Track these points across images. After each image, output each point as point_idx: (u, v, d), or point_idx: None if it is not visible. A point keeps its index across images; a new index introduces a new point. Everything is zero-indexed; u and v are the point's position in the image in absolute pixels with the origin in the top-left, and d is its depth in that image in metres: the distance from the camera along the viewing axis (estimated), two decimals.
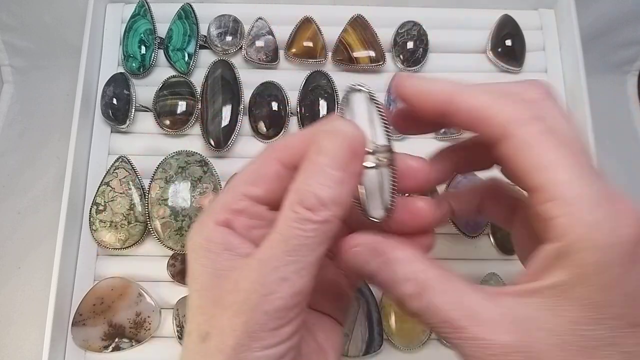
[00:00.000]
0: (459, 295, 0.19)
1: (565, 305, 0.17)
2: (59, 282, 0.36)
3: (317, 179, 0.18)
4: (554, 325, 0.17)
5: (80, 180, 0.40)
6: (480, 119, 0.19)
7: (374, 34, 0.43)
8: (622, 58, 0.54)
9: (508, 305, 0.18)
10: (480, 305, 0.18)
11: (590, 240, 0.17)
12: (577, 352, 0.17)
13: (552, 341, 0.17)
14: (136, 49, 0.43)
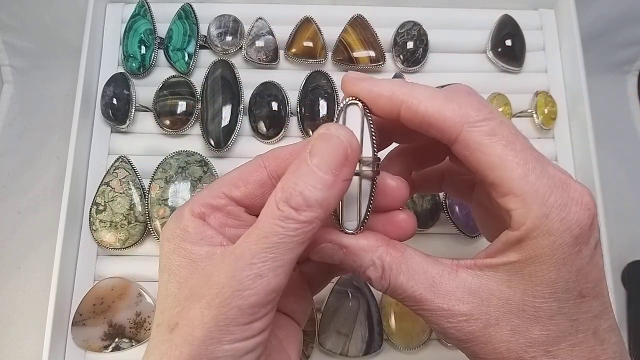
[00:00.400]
0: (420, 271, 0.21)
1: (520, 280, 0.19)
2: (59, 282, 0.36)
3: (306, 179, 0.19)
4: (509, 295, 0.20)
5: (80, 180, 0.40)
6: (430, 124, 0.20)
7: (374, 34, 0.43)
8: (622, 58, 0.54)
9: (465, 277, 0.20)
10: (439, 278, 0.21)
11: (544, 229, 0.19)
12: (531, 320, 0.19)
13: (508, 309, 0.20)
14: (136, 49, 0.43)
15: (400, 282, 0.21)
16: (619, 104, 0.53)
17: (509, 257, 0.20)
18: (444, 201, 0.39)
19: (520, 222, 0.19)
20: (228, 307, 0.18)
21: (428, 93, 0.21)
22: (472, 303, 0.20)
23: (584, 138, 0.40)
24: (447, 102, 0.20)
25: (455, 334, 0.20)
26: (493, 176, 0.19)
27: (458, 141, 0.20)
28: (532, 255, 0.19)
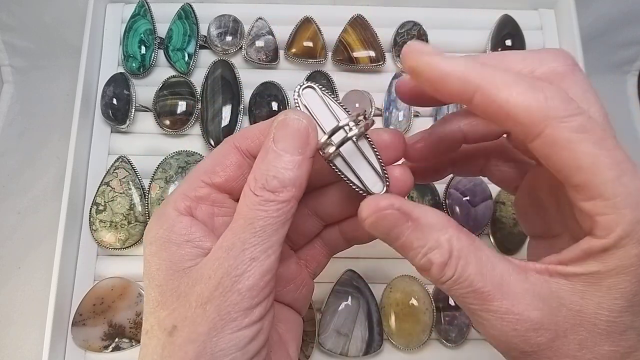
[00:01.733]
0: (489, 266, 0.18)
1: (595, 291, 0.18)
2: (59, 282, 0.36)
3: (276, 163, 0.20)
4: (581, 307, 0.18)
5: (80, 180, 0.40)
6: (513, 114, 0.18)
7: (374, 34, 0.43)
8: (622, 58, 0.54)
9: (534, 281, 0.18)
10: (509, 277, 0.18)
11: (635, 236, 0.17)
12: (602, 335, 0.18)
13: (577, 321, 0.18)
14: (136, 49, 0.43)
15: (468, 274, 0.18)
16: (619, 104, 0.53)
17: (589, 267, 0.18)
18: (444, 201, 0.39)
19: (609, 229, 0.17)
20: (230, 294, 0.19)
21: (510, 78, 0.18)
22: (542, 310, 0.18)
23: None
24: (533, 92, 0.18)
25: (519, 345, 0.18)
26: (581, 178, 0.17)
27: (542, 137, 0.17)
28: (617, 266, 0.17)
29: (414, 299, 0.37)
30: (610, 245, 0.17)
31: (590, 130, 0.17)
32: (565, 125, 0.17)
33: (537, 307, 0.18)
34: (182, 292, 0.20)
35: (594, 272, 0.18)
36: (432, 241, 0.19)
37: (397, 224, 0.19)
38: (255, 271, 0.19)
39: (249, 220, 0.19)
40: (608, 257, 0.17)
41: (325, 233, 0.26)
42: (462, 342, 0.37)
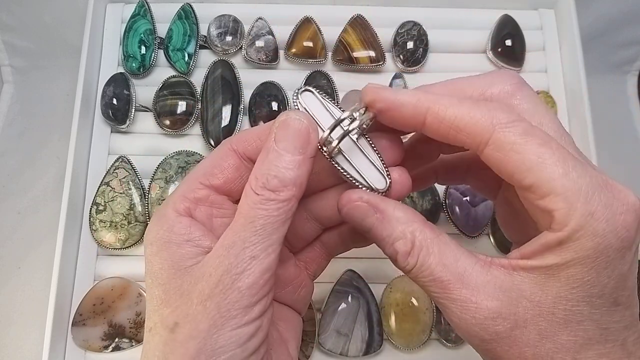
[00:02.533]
0: (451, 258, 0.20)
1: (554, 282, 0.18)
2: (59, 282, 0.36)
3: (277, 163, 0.20)
4: (540, 299, 0.19)
5: (80, 180, 0.40)
6: (459, 128, 0.20)
7: (374, 34, 0.43)
8: (622, 58, 0.54)
9: (497, 274, 0.19)
10: (471, 270, 0.19)
11: (589, 229, 0.18)
12: (560, 324, 0.18)
13: (537, 312, 0.19)
14: (136, 49, 0.43)
15: (429, 263, 0.20)
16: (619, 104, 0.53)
17: (547, 260, 0.18)
18: (444, 201, 0.39)
19: (564, 222, 0.18)
20: (230, 292, 0.19)
21: (455, 99, 0.20)
22: (501, 301, 0.19)
23: (584, 138, 0.40)
24: (476, 106, 0.20)
25: (479, 333, 0.19)
26: (531, 177, 0.18)
27: (490, 143, 0.19)
28: (573, 258, 0.18)
29: (414, 299, 0.37)
30: (565, 238, 0.18)
31: (533, 133, 0.19)
32: (510, 130, 0.19)
33: (496, 297, 0.19)
34: (185, 290, 0.20)
35: (551, 264, 0.18)
36: (398, 232, 0.21)
37: (367, 215, 0.21)
38: (255, 269, 0.19)
39: (250, 219, 0.20)
40: (564, 249, 0.18)
41: (324, 236, 0.27)
42: (462, 342, 0.37)
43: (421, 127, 0.21)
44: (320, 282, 0.38)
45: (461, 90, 0.22)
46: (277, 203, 0.20)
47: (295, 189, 0.20)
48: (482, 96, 0.22)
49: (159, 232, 0.21)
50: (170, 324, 0.20)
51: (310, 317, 0.36)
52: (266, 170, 0.20)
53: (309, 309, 0.37)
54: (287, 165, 0.20)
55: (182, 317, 0.19)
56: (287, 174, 0.20)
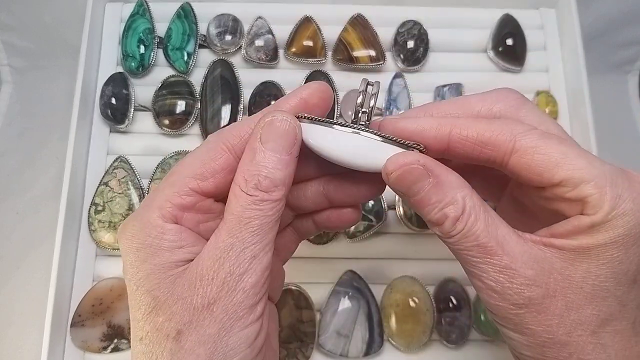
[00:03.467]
0: (493, 226, 0.21)
1: (584, 259, 0.20)
2: (58, 283, 0.35)
3: (266, 163, 0.20)
4: (570, 272, 0.20)
5: (79, 180, 0.39)
6: (484, 143, 0.21)
7: (374, 33, 0.43)
8: (623, 58, 0.53)
9: (531, 246, 0.21)
10: (509, 239, 0.20)
11: (619, 210, 0.19)
12: (586, 297, 0.20)
13: (566, 284, 0.20)
14: (135, 48, 0.42)
15: (475, 229, 0.20)
16: (619, 103, 0.53)
17: (580, 241, 0.20)
18: None
19: (598, 206, 0.19)
20: (235, 293, 0.19)
21: (471, 119, 0.22)
22: (536, 270, 0.20)
23: (585, 138, 0.40)
24: (492, 122, 0.22)
25: (513, 297, 0.20)
26: (561, 172, 0.20)
27: (514, 152, 0.21)
28: (606, 238, 0.19)
29: (415, 299, 0.37)
30: (599, 220, 0.19)
31: (550, 136, 0.21)
32: (529, 137, 0.21)
33: (532, 266, 0.20)
34: (180, 296, 0.20)
35: (584, 245, 0.20)
36: (450, 197, 0.21)
37: (420, 179, 0.21)
38: (257, 268, 0.20)
39: (246, 220, 0.20)
40: (597, 231, 0.20)
41: (296, 222, 0.27)
42: (463, 343, 0.37)
43: (444, 149, 0.22)
44: (320, 282, 0.38)
45: (470, 108, 0.23)
46: (271, 203, 0.20)
47: (285, 188, 0.21)
48: (490, 112, 0.23)
49: (147, 239, 0.21)
50: (171, 332, 0.19)
51: (310, 318, 0.36)
52: (256, 171, 0.20)
53: (309, 309, 0.37)
54: (276, 166, 0.20)
55: (185, 323, 0.19)
56: (277, 174, 0.20)
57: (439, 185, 0.21)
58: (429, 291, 0.37)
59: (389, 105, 0.42)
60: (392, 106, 0.41)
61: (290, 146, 0.21)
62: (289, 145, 0.21)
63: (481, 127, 0.21)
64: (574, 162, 0.20)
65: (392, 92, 0.42)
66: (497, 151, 0.21)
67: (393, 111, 0.41)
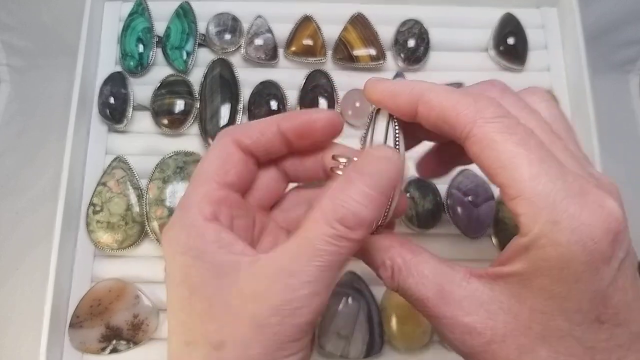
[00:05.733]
0: (430, 276, 0.20)
1: (528, 294, 0.18)
2: (56, 284, 0.35)
3: (358, 198, 0.19)
4: (518, 311, 0.18)
5: (77, 180, 0.39)
6: (445, 119, 0.20)
7: (375, 32, 0.43)
8: (624, 57, 0.53)
9: (476, 286, 0.19)
10: (450, 285, 0.20)
11: (552, 237, 0.17)
12: (538, 339, 0.18)
13: (515, 326, 0.18)
14: (134, 47, 0.42)
15: (408, 285, 0.20)
16: (621, 103, 0.53)
17: (516, 267, 0.18)
18: (446, 202, 0.39)
19: (528, 228, 0.17)
20: (286, 326, 0.19)
21: (445, 89, 0.20)
22: (477, 315, 0.19)
23: (587, 137, 0.40)
24: (463, 97, 0.19)
25: (458, 346, 0.19)
26: (502, 176, 0.18)
27: (469, 137, 0.19)
28: (540, 267, 0.17)
29: None
30: (529, 243, 0.17)
31: (515, 132, 0.18)
32: (490, 126, 0.18)
33: (472, 312, 0.19)
34: (233, 308, 0.19)
35: (520, 270, 0.18)
36: (378, 260, 0.22)
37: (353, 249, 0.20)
38: (315, 307, 0.19)
39: (319, 252, 0.18)
40: (530, 256, 0.18)
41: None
42: None
43: (414, 115, 0.21)
44: None
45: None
46: (349, 242, 0.19)
47: (367, 229, 0.19)
48: None
49: (190, 241, 0.20)
50: (215, 341, 0.19)
51: None
52: (344, 203, 0.19)
53: None
54: (368, 205, 0.19)
55: (230, 336, 0.19)
56: (365, 214, 0.19)
57: (367, 254, 0.22)
58: None
59: None
60: None
61: (389, 188, 0.20)
62: (387, 187, 0.20)
63: (448, 101, 0.19)
64: (519, 170, 0.18)
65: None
66: (454, 131, 0.19)
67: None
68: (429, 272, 0.20)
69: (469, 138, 0.19)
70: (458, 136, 0.19)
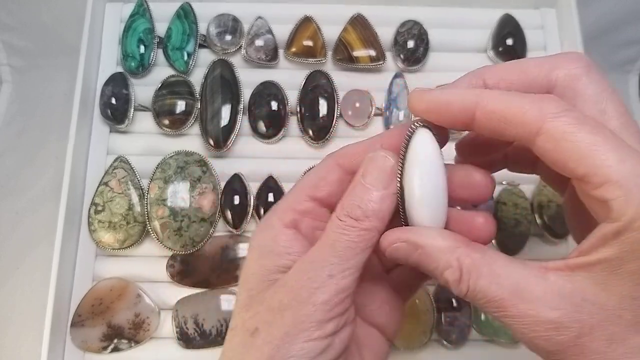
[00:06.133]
0: (503, 274, 0.19)
1: (616, 280, 0.17)
2: (58, 283, 0.35)
3: (362, 195, 0.22)
4: (604, 300, 0.18)
5: (79, 180, 0.39)
6: (509, 120, 0.19)
7: (374, 33, 0.43)
8: (623, 57, 0.53)
9: (554, 280, 0.18)
10: (525, 282, 0.19)
11: None
12: (630, 326, 0.17)
13: (603, 316, 0.18)
14: (135, 48, 0.42)
15: (480, 286, 0.19)
16: None
17: (605, 253, 0.17)
18: None
19: (621, 211, 0.17)
20: (305, 305, 0.20)
21: (501, 92, 0.20)
22: (563, 309, 0.18)
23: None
24: (523, 98, 0.19)
25: (543, 345, 0.18)
26: (585, 165, 0.18)
27: (541, 134, 0.19)
28: (633, 249, 0.17)
29: (415, 299, 0.37)
30: (623, 227, 0.17)
31: (585, 122, 0.18)
32: (561, 120, 0.18)
33: (557, 306, 0.18)
34: (267, 298, 0.22)
35: (610, 257, 0.17)
36: (444, 262, 0.20)
37: (409, 254, 0.21)
38: (330, 287, 0.21)
39: (331, 242, 0.21)
40: (623, 240, 0.17)
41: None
42: (463, 343, 0.37)
43: (471, 123, 0.21)
44: None
45: (524, 72, 0.22)
46: (358, 231, 0.21)
47: (376, 220, 0.21)
48: (547, 79, 0.21)
49: (263, 240, 0.23)
50: (250, 327, 0.21)
51: None
52: (351, 201, 0.22)
53: None
54: (370, 198, 0.21)
55: (262, 322, 0.21)
56: (369, 206, 0.21)
57: (428, 254, 0.21)
58: (429, 291, 0.37)
59: (388, 105, 0.42)
60: (392, 106, 0.41)
61: (387, 181, 0.22)
62: (385, 180, 0.22)
63: (508, 102, 0.19)
64: (603, 156, 0.17)
65: (392, 92, 0.42)
66: (522, 131, 0.19)
67: (393, 111, 0.41)
68: (502, 270, 0.19)
69: (539, 135, 0.19)
70: (526, 136, 0.19)
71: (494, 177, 0.23)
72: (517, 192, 0.39)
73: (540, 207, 0.39)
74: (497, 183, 0.40)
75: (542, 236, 0.40)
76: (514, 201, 0.39)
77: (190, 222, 0.37)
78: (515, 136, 0.20)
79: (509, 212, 0.39)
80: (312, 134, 0.41)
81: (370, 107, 0.41)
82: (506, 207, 0.39)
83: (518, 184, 0.40)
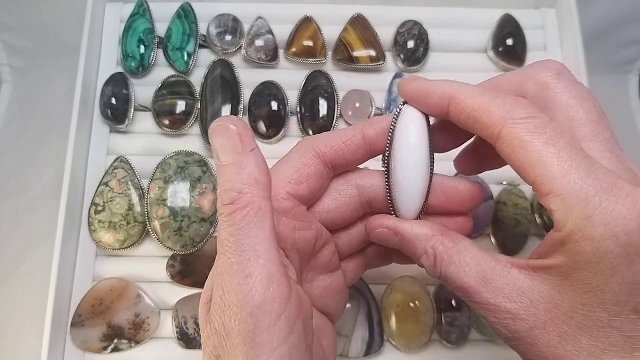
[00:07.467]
0: (472, 264, 0.21)
1: (567, 285, 0.19)
2: (58, 283, 0.35)
3: (223, 177, 0.19)
4: (558, 301, 0.19)
5: (79, 180, 0.39)
6: (476, 119, 0.21)
7: (374, 33, 0.43)
8: (623, 57, 0.53)
9: (517, 276, 0.20)
10: (491, 273, 0.20)
11: (585, 233, 0.17)
12: (579, 328, 0.19)
13: (556, 314, 0.19)
14: (135, 48, 0.42)
15: (450, 273, 0.21)
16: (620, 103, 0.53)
17: (556, 260, 0.19)
18: None
19: (562, 224, 0.18)
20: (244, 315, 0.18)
21: (476, 90, 0.21)
22: (520, 302, 0.19)
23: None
24: (493, 99, 0.20)
25: (502, 331, 0.20)
26: (533, 174, 0.19)
27: (500, 137, 0.20)
28: (577, 261, 0.18)
29: (415, 299, 0.37)
30: (564, 238, 0.18)
31: (544, 131, 0.19)
32: (519, 126, 0.19)
33: (514, 299, 0.20)
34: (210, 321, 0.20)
35: (560, 264, 0.19)
36: (420, 249, 0.23)
37: (389, 238, 0.23)
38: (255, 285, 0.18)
39: (226, 242, 0.19)
40: (567, 251, 0.18)
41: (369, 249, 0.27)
42: (463, 343, 0.37)
43: (447, 115, 0.22)
44: None
45: (497, 87, 0.23)
46: (241, 210, 0.19)
47: (252, 189, 0.19)
48: (520, 92, 0.22)
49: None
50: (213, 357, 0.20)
51: None
52: (221, 188, 0.19)
53: None
54: (231, 174, 0.19)
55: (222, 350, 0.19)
56: (234, 182, 0.19)
57: (406, 241, 0.23)
58: (429, 291, 0.37)
59: (389, 105, 0.42)
60: (392, 106, 0.41)
61: (236, 146, 0.19)
62: (234, 147, 0.19)
63: (478, 102, 0.21)
64: (551, 167, 0.18)
65: (392, 92, 0.42)
66: (485, 131, 0.20)
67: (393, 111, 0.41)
68: (471, 259, 0.21)
69: (499, 139, 0.20)
70: (489, 137, 0.20)
71: (482, 187, 0.24)
72: (517, 192, 0.39)
73: (540, 207, 0.39)
74: (497, 183, 0.40)
75: (542, 236, 0.40)
76: (514, 201, 0.39)
77: (190, 222, 0.37)
78: (481, 134, 0.21)
79: (509, 212, 0.39)
80: (312, 134, 0.41)
81: (370, 107, 0.41)
82: (506, 207, 0.39)
83: (518, 184, 0.40)
